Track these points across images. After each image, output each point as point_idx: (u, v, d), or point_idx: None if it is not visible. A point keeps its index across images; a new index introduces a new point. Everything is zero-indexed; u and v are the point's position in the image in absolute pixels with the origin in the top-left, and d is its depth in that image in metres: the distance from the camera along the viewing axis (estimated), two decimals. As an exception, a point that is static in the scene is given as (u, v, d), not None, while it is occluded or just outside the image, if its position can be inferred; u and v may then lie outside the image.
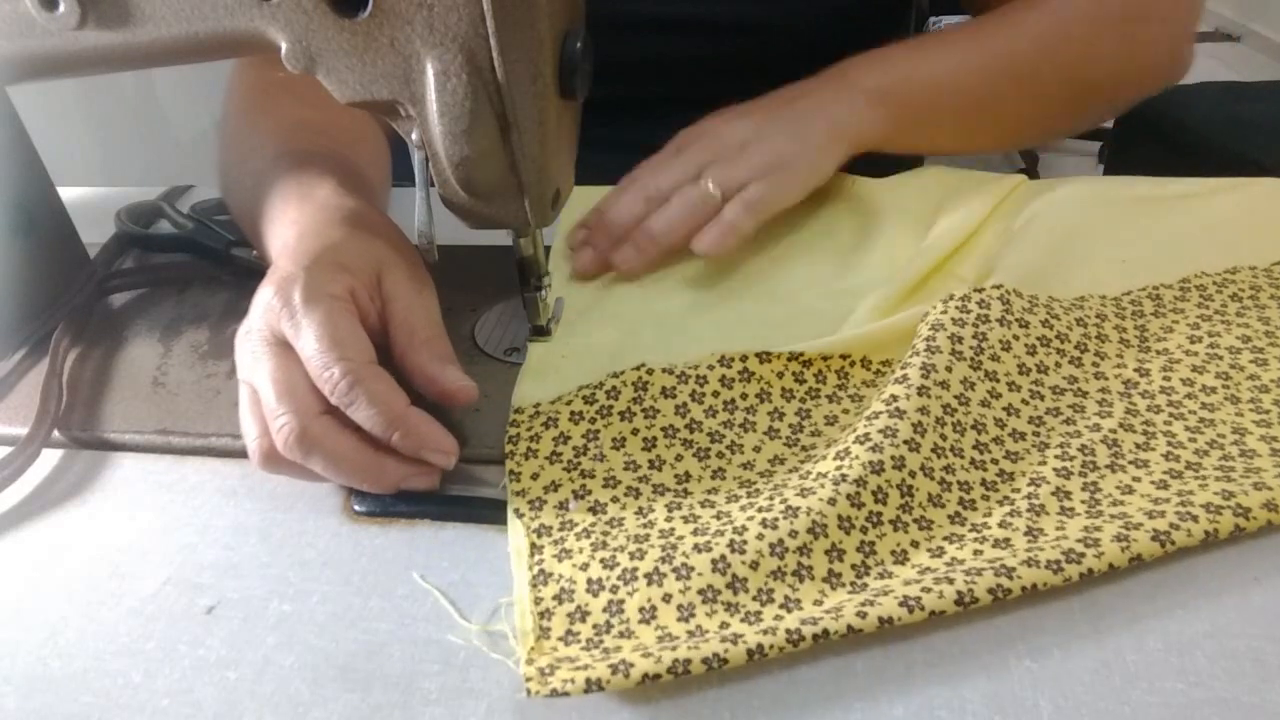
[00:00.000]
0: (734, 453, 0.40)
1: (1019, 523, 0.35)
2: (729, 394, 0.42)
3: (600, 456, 0.39)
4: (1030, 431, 0.39)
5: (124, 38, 0.37)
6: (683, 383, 0.42)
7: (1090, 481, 0.36)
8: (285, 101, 0.56)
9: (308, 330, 0.37)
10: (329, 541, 0.38)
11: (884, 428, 0.37)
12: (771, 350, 0.43)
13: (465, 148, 0.37)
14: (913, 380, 0.39)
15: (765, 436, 0.40)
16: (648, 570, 0.34)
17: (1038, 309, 0.43)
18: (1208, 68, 1.92)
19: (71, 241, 0.55)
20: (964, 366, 0.40)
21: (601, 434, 0.40)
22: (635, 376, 0.42)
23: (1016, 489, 0.37)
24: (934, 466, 0.37)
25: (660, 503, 0.37)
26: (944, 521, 0.35)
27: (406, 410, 0.38)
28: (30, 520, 0.40)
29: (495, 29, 0.34)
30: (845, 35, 0.68)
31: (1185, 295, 0.46)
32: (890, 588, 0.32)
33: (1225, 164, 1.05)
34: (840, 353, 0.43)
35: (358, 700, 0.31)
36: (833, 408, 0.42)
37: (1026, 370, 0.41)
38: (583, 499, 0.37)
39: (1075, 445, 0.38)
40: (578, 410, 0.41)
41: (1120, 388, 0.41)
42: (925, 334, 0.41)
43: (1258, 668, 0.30)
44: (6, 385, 0.48)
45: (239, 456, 0.41)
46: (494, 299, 0.51)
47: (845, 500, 0.34)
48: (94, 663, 0.33)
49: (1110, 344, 0.43)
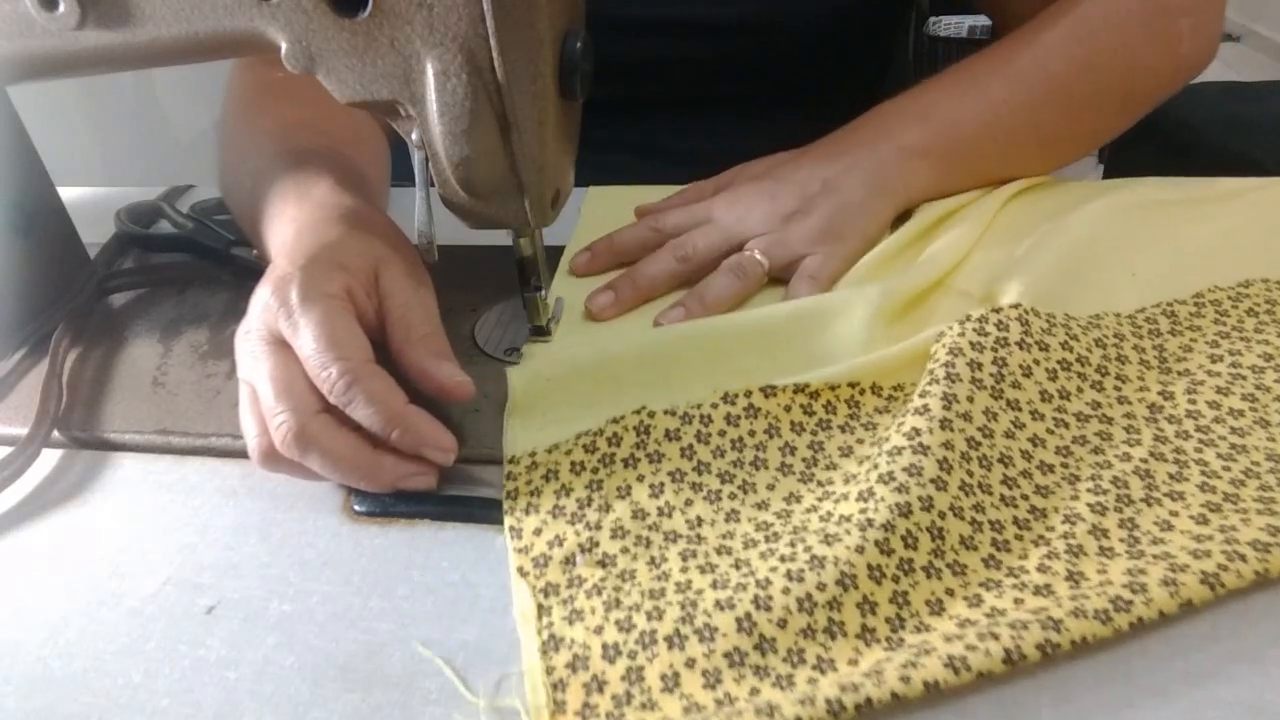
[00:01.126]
0: (746, 493, 0.38)
1: (1058, 566, 0.33)
2: (735, 432, 0.40)
3: (606, 507, 0.37)
4: (1059, 463, 0.37)
5: (124, 38, 0.37)
6: (686, 424, 0.40)
7: (1127, 518, 0.35)
8: (284, 101, 0.56)
9: (305, 330, 0.37)
10: (329, 541, 0.38)
11: (908, 465, 0.35)
12: (776, 384, 0.41)
13: (465, 148, 0.37)
14: (934, 412, 0.37)
15: (778, 473, 0.38)
16: (667, 633, 0.31)
17: (1056, 329, 0.42)
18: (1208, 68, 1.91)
19: (71, 241, 0.55)
20: (985, 396, 0.38)
21: (605, 483, 0.38)
22: (636, 421, 0.40)
23: (1050, 527, 0.35)
24: (963, 506, 0.35)
25: (673, 551, 0.35)
26: (978, 566, 0.34)
27: (405, 408, 0.38)
28: (30, 520, 0.40)
29: (495, 29, 0.34)
30: (845, 35, 0.68)
31: (1200, 311, 0.45)
32: (930, 644, 0.30)
33: (1225, 164, 1.05)
34: (848, 381, 0.41)
35: (358, 700, 0.31)
36: (846, 438, 0.40)
37: (1049, 397, 0.40)
38: (590, 552, 0.35)
39: (1107, 478, 0.36)
40: (578, 460, 0.39)
41: (1145, 413, 0.40)
42: (943, 359, 0.39)
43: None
44: (6, 385, 0.48)
45: (239, 456, 0.41)
46: (494, 299, 0.51)
47: (874, 548, 0.33)
48: (94, 663, 0.33)
49: (1131, 365, 0.42)
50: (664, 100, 0.69)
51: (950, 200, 0.53)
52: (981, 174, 0.55)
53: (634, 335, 0.46)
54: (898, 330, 0.45)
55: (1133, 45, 0.54)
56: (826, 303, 0.45)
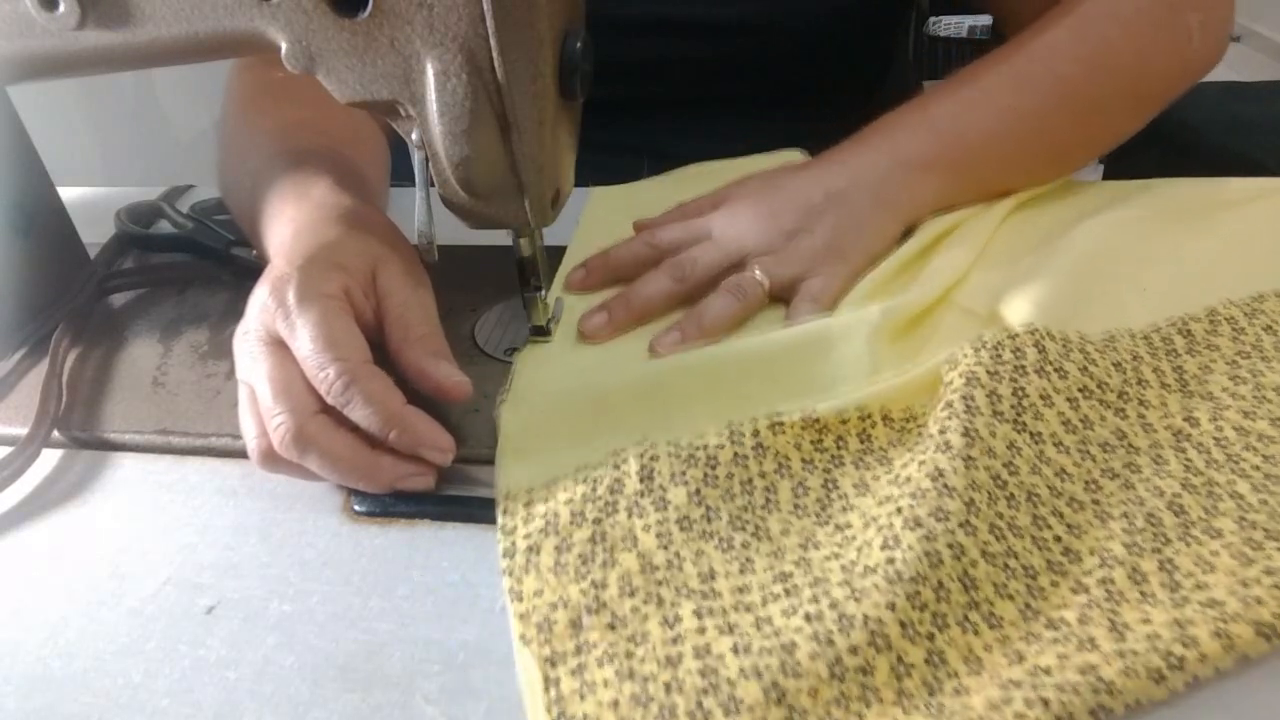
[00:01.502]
0: (760, 539, 0.35)
1: (1098, 615, 0.31)
2: (744, 473, 0.37)
3: (611, 560, 0.34)
4: (1088, 499, 0.36)
5: (124, 38, 0.37)
6: (693, 465, 0.37)
7: (1165, 558, 0.33)
8: (283, 102, 0.56)
9: (303, 331, 0.37)
10: (329, 541, 0.38)
11: (934, 509, 0.33)
12: (783, 418, 0.39)
13: (465, 148, 0.37)
14: (956, 447, 0.35)
15: (792, 515, 0.36)
16: (689, 708, 0.29)
17: (1073, 353, 0.40)
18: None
19: (71, 241, 0.55)
20: (1007, 428, 0.37)
21: (609, 534, 0.35)
22: (639, 463, 0.38)
23: (1087, 571, 0.33)
24: (994, 550, 0.33)
25: (687, 608, 0.33)
26: (1015, 617, 0.32)
27: (403, 409, 0.38)
28: (30, 520, 0.40)
29: (495, 29, 0.34)
30: (845, 35, 0.68)
31: (1216, 329, 0.43)
32: (973, 708, 0.29)
33: (1225, 164, 1.05)
34: (857, 412, 0.39)
35: (358, 700, 0.31)
36: (860, 474, 0.38)
37: (1072, 427, 0.38)
38: (597, 613, 0.33)
39: (1140, 514, 0.35)
40: (578, 510, 0.36)
41: (1171, 440, 0.38)
42: (960, 388, 0.38)
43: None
44: (6, 385, 0.48)
45: (239, 456, 0.41)
46: (494, 299, 0.51)
47: (905, 602, 0.31)
48: (94, 663, 0.33)
49: (1151, 389, 0.41)
50: (664, 101, 0.69)
51: (953, 215, 0.52)
52: (991, 184, 0.53)
53: (629, 365, 0.44)
54: (901, 348, 0.44)
55: (1141, 43, 0.53)
56: (827, 326, 0.44)
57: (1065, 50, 0.52)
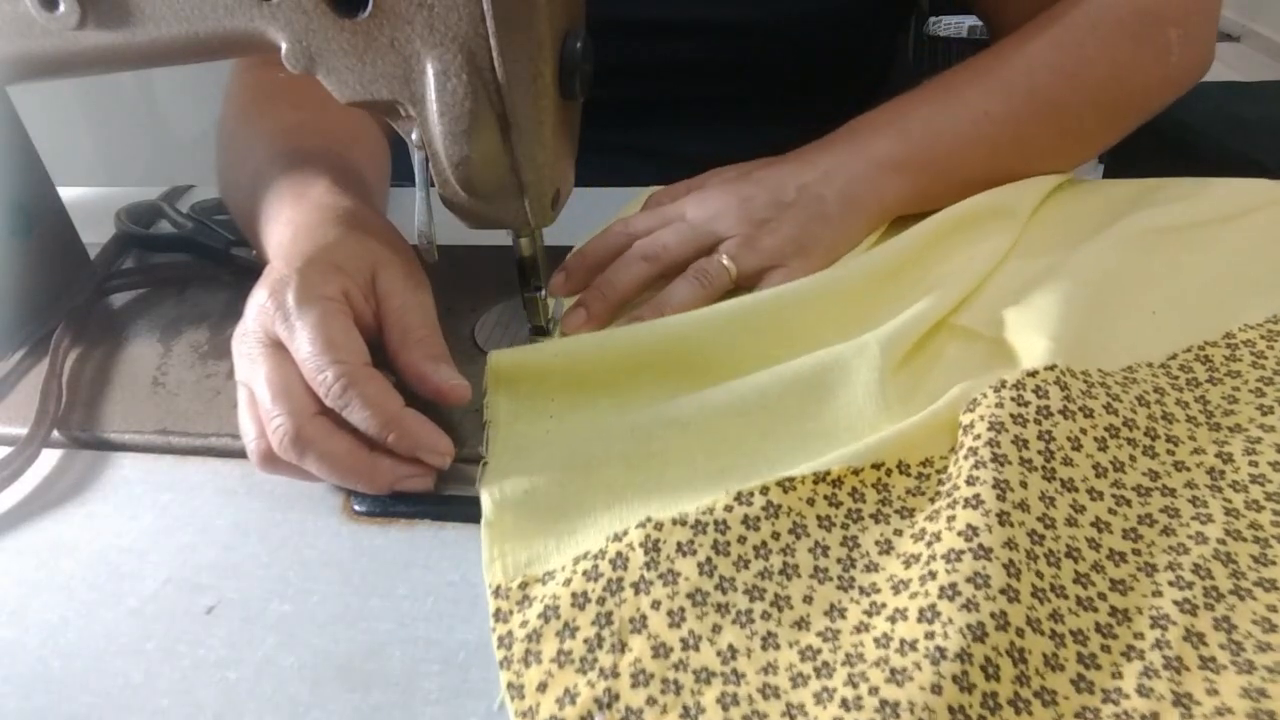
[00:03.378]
0: (782, 609, 0.33)
1: (1160, 687, 0.29)
2: (757, 537, 0.35)
3: (620, 645, 0.31)
4: (1129, 550, 0.34)
5: (124, 38, 0.37)
6: (700, 533, 0.34)
7: (1221, 616, 0.31)
8: (283, 103, 0.56)
9: (301, 333, 0.37)
10: (329, 541, 0.38)
11: (972, 574, 0.31)
12: (793, 474, 0.36)
13: (465, 148, 0.37)
14: (988, 503, 0.33)
15: (813, 581, 0.34)
16: None
17: (1096, 391, 0.39)
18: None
19: (71, 241, 0.55)
20: (1038, 479, 0.35)
21: (615, 615, 0.32)
22: (642, 536, 0.34)
23: (1139, 633, 0.31)
24: (1039, 616, 0.31)
25: (709, 696, 0.30)
26: (1069, 691, 0.30)
27: (401, 411, 0.38)
28: (30, 520, 0.40)
29: (495, 29, 0.34)
30: (848, 37, 0.68)
31: (1236, 355, 0.42)
32: None
33: (1225, 164, 1.05)
34: (871, 462, 0.37)
35: (358, 700, 0.31)
36: (882, 530, 0.36)
37: (1103, 471, 0.36)
38: (610, 708, 0.30)
39: (1187, 565, 0.33)
40: (580, 590, 0.33)
41: (1207, 479, 0.37)
42: (984, 435, 0.36)
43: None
44: (7, 385, 0.48)
45: (239, 456, 0.41)
46: (494, 299, 0.51)
47: (952, 684, 0.28)
48: (94, 663, 0.33)
49: (1179, 424, 0.39)
50: (667, 103, 0.69)
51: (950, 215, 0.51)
52: (963, 186, 0.53)
53: (613, 425, 0.41)
54: (903, 380, 0.42)
55: (1120, 55, 0.53)
56: (825, 367, 0.42)
57: (1042, 58, 0.52)
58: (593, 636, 0.32)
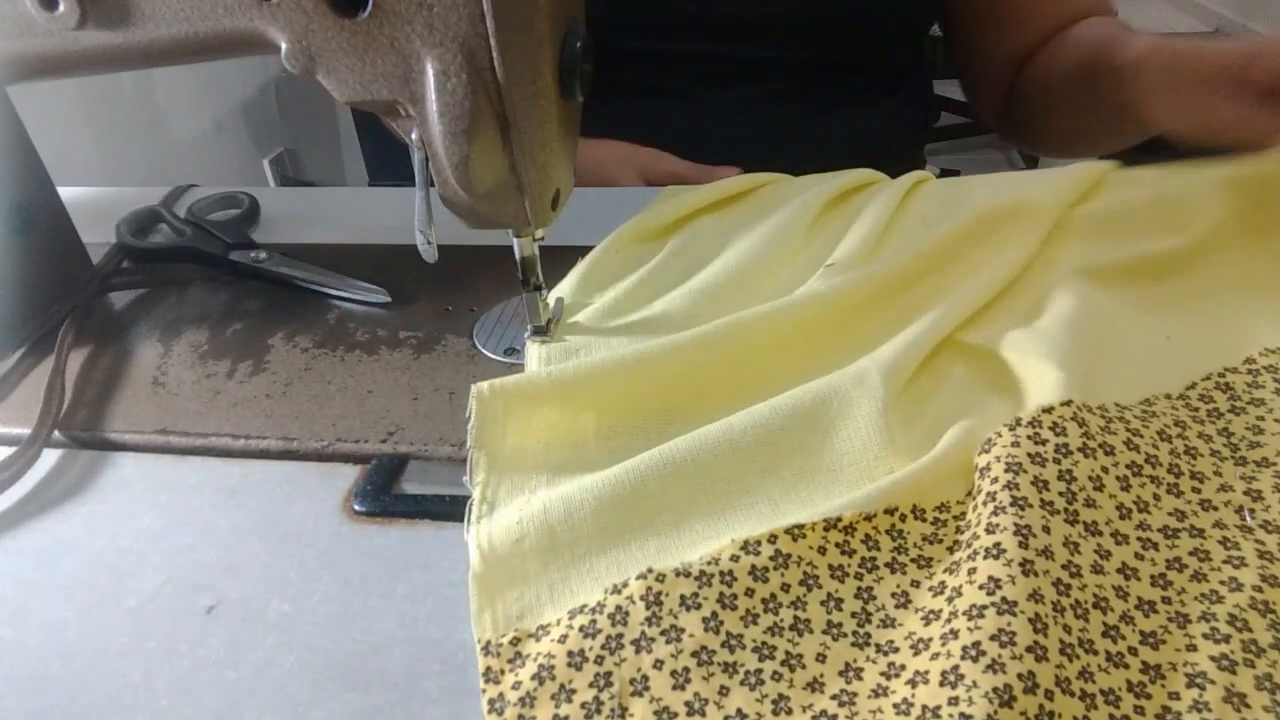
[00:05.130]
0: (793, 669, 0.31)
1: None
2: (765, 589, 0.33)
3: (620, 710, 0.30)
4: (1158, 598, 0.32)
5: (124, 38, 0.37)
6: (704, 585, 0.32)
7: (1263, 674, 0.29)
8: None
9: None
10: (329, 541, 0.38)
11: (996, 632, 0.29)
12: (802, 521, 0.35)
13: (465, 147, 0.37)
14: (1010, 552, 0.31)
15: (827, 638, 0.32)
16: None
17: (1115, 426, 0.37)
18: (1208, 68, 1.89)
19: (71, 241, 0.55)
20: (1061, 523, 0.33)
21: (614, 676, 0.30)
22: (643, 588, 0.32)
23: (1174, 694, 0.29)
24: (1069, 675, 0.29)
25: None
26: None
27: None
28: (30, 520, 0.40)
29: (495, 29, 0.34)
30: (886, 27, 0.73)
31: (1258, 382, 0.40)
32: None
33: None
34: (884, 507, 0.35)
35: (358, 700, 0.31)
36: (898, 580, 0.34)
37: (1127, 513, 0.35)
38: None
39: (1222, 616, 0.31)
40: (576, 649, 0.31)
41: (1236, 519, 0.35)
42: (1001, 477, 0.34)
43: None
44: (6, 385, 0.48)
45: (239, 456, 0.41)
46: (494, 299, 0.51)
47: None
48: (94, 663, 0.33)
49: (1203, 459, 0.37)
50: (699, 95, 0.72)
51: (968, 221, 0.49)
52: None
53: (610, 463, 0.38)
54: (909, 403, 0.41)
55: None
56: (824, 398, 0.39)
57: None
58: (590, 700, 0.30)
